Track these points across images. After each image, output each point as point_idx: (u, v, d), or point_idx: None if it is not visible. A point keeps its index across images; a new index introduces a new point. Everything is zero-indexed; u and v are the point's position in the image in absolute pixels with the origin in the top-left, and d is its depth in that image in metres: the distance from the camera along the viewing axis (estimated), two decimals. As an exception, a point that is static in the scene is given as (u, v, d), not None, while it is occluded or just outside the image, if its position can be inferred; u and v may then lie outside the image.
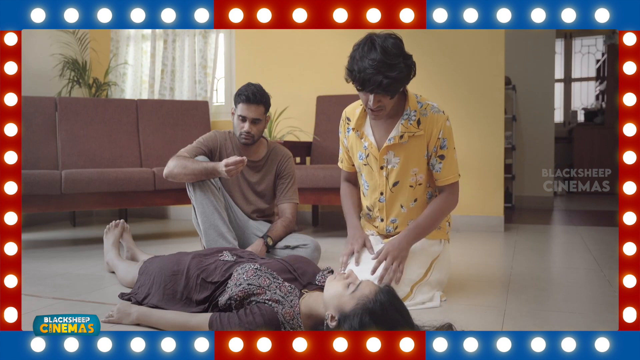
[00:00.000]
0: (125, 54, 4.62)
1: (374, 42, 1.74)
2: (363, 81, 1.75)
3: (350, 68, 1.79)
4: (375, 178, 2.00)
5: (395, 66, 1.73)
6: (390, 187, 1.99)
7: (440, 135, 1.92)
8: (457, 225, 3.69)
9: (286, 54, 4.25)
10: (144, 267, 1.89)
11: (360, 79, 1.75)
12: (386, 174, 1.98)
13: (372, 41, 1.75)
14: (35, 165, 3.50)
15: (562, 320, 1.76)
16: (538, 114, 5.44)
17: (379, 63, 1.71)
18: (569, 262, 2.87)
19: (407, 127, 1.92)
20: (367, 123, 2.00)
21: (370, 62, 1.71)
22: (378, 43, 1.74)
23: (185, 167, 2.31)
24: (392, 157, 1.96)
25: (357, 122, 2.00)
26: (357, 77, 1.76)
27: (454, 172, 1.98)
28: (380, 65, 1.71)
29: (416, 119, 1.92)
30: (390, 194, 1.99)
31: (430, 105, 1.94)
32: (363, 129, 2.00)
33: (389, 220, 2.03)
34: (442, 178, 1.97)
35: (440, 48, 3.85)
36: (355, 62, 1.76)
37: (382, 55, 1.71)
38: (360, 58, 1.75)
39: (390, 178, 1.98)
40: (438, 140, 1.93)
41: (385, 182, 1.99)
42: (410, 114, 1.92)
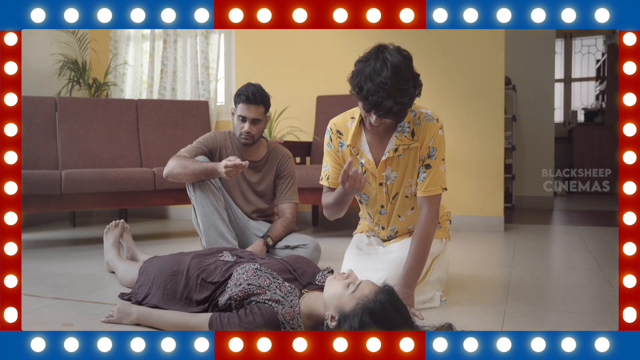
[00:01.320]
0: (125, 54, 4.62)
1: (386, 61, 1.64)
2: (373, 104, 1.67)
3: (358, 85, 1.69)
4: (374, 192, 1.97)
5: (406, 91, 1.66)
6: (391, 200, 1.97)
7: (430, 143, 1.86)
8: (457, 225, 3.69)
9: (286, 54, 4.25)
10: (144, 267, 1.89)
11: (370, 101, 1.66)
12: (386, 190, 1.94)
13: (383, 59, 1.65)
14: (35, 165, 3.50)
15: (562, 320, 1.76)
16: (538, 114, 5.44)
17: (390, 87, 1.62)
18: (569, 262, 2.87)
19: (401, 139, 1.86)
20: (362, 139, 1.92)
21: (381, 85, 1.63)
22: (390, 61, 1.64)
23: (186, 167, 2.31)
24: (390, 173, 1.91)
25: (352, 139, 1.91)
26: (366, 99, 1.67)
27: (437, 184, 1.87)
28: (392, 89, 1.63)
29: (410, 130, 1.86)
30: (390, 206, 1.98)
31: (423, 114, 1.88)
32: (359, 145, 1.93)
33: (389, 228, 2.03)
34: (423, 189, 1.87)
35: (440, 48, 3.85)
36: (363, 80, 1.66)
37: (394, 78, 1.63)
38: (369, 76, 1.65)
39: (391, 193, 1.95)
40: (428, 148, 1.86)
41: (385, 197, 1.96)
42: (404, 125, 1.86)
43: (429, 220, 1.85)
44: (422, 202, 1.88)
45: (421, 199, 1.88)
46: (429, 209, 1.86)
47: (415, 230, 1.86)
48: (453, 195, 3.53)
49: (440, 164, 1.88)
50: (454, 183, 3.55)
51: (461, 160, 3.76)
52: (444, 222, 2.08)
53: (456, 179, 3.67)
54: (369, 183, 1.96)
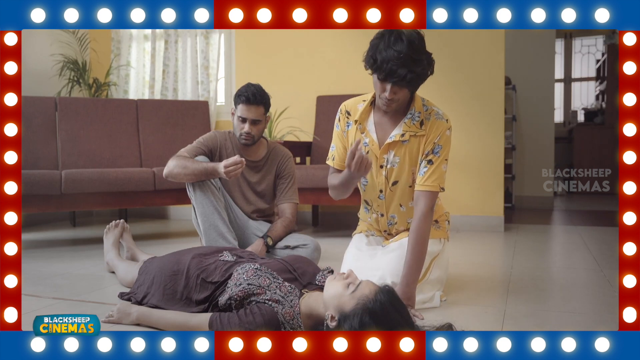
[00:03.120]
0: (128, 55, 4.62)
1: (401, 34, 1.72)
2: (387, 72, 1.72)
3: (372, 56, 1.75)
4: (374, 174, 1.98)
5: (420, 61, 1.73)
6: (390, 187, 1.98)
7: (437, 140, 1.89)
8: (457, 225, 3.69)
9: (286, 54, 4.25)
10: (144, 267, 1.89)
11: (385, 69, 1.72)
12: (385, 174, 1.96)
13: (398, 33, 1.72)
14: (35, 165, 3.50)
15: (562, 320, 1.76)
16: (538, 114, 5.44)
17: (405, 56, 1.70)
18: (569, 262, 2.87)
19: (409, 126, 1.90)
20: (370, 119, 1.97)
21: (396, 54, 1.70)
22: (405, 34, 1.72)
23: (185, 167, 2.31)
24: (391, 157, 1.94)
25: (360, 116, 1.96)
26: (380, 67, 1.73)
27: (436, 181, 1.88)
28: (406, 58, 1.70)
29: (419, 119, 1.91)
30: (389, 192, 1.98)
31: (434, 111, 1.93)
32: (365, 124, 1.97)
33: (389, 215, 2.03)
34: (422, 182, 1.88)
35: (440, 48, 3.83)
36: (378, 51, 1.73)
37: (409, 49, 1.70)
38: (385, 48, 1.72)
39: (390, 178, 1.97)
40: (433, 144, 1.89)
41: (384, 181, 1.97)
42: (415, 114, 1.91)
43: (424, 216, 1.86)
44: (418, 197, 1.89)
45: (418, 193, 1.89)
46: (425, 205, 1.87)
47: (411, 227, 1.87)
48: (453, 195, 3.53)
49: (443, 162, 1.90)
50: (454, 183, 3.55)
51: (461, 160, 3.76)
52: (442, 222, 2.08)
53: (456, 179, 3.66)
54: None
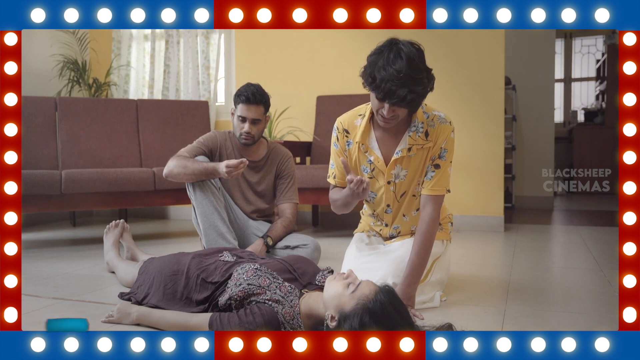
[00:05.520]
0: (128, 55, 4.62)
1: (400, 51, 1.65)
2: (386, 92, 1.66)
3: (371, 75, 1.69)
4: (381, 191, 1.96)
5: (420, 80, 1.66)
6: (398, 199, 1.96)
7: (443, 145, 1.87)
8: (457, 225, 3.69)
9: (286, 54, 4.25)
10: (144, 267, 1.89)
11: (384, 89, 1.65)
12: (394, 189, 1.94)
13: (397, 49, 1.66)
14: (35, 165, 3.50)
15: (562, 320, 1.76)
16: (538, 114, 5.44)
17: (405, 75, 1.63)
18: (569, 262, 2.87)
19: (415, 139, 1.86)
20: (372, 136, 1.92)
21: (396, 73, 1.63)
22: (404, 52, 1.65)
23: (186, 167, 2.31)
24: (400, 171, 1.91)
25: (361, 136, 1.90)
26: (379, 87, 1.66)
27: (443, 184, 1.88)
28: (406, 78, 1.63)
29: (424, 130, 1.86)
30: (397, 204, 1.97)
31: (437, 116, 1.88)
32: (368, 143, 1.92)
33: (392, 227, 2.03)
34: (430, 187, 1.87)
35: (440, 48, 3.84)
36: (377, 69, 1.66)
37: (409, 67, 1.63)
38: (383, 66, 1.65)
39: (398, 191, 1.94)
40: (440, 149, 1.87)
41: (392, 195, 1.95)
42: (418, 125, 1.86)
43: (432, 219, 1.86)
44: (426, 201, 1.88)
45: (426, 197, 1.89)
46: (433, 209, 1.87)
47: (418, 229, 1.86)
48: (453, 196, 3.49)
49: (448, 165, 1.89)
50: (455, 183, 3.51)
51: (461, 160, 3.75)
52: (445, 224, 2.08)
53: (456, 179, 3.65)
54: (376, 180, 1.95)
